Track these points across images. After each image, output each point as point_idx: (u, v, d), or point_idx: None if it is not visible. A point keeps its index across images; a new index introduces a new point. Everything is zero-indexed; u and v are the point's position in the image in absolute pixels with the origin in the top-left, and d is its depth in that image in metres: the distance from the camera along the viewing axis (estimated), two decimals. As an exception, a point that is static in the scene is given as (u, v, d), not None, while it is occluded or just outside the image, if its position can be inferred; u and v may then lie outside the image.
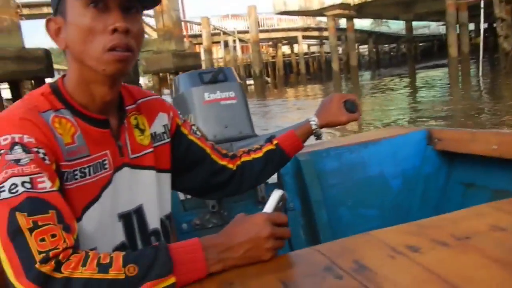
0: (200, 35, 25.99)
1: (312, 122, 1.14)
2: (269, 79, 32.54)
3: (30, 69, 9.11)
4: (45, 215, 0.67)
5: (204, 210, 1.60)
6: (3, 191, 0.68)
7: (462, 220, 0.84)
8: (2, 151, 0.71)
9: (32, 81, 9.32)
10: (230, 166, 1.08)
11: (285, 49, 36.14)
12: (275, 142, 1.12)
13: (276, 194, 0.82)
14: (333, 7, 19.29)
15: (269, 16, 29.81)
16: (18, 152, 0.71)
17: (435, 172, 1.77)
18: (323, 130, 1.18)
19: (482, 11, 15.01)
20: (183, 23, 18.19)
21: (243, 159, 1.10)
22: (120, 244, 0.86)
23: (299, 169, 1.68)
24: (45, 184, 0.70)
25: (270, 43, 34.31)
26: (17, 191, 0.67)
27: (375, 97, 14.38)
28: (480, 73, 15.32)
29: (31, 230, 0.65)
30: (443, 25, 30.11)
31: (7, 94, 10.70)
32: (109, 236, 0.85)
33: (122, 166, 0.88)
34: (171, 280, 0.67)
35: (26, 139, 0.73)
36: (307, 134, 1.14)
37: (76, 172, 0.80)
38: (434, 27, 39.94)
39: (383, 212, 1.74)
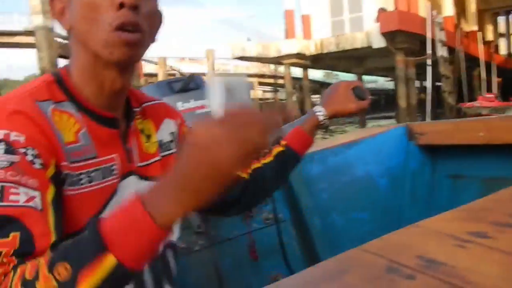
0: (156, 75, 25.80)
1: (318, 114, 0.99)
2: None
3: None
4: (2, 239, 0.51)
5: (188, 232, 1.38)
6: None
7: None
8: None
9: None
10: (243, 175, 0.91)
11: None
12: (283, 142, 0.99)
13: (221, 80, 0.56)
14: (289, 56, 19.85)
15: (225, 62, 30.52)
16: None
17: (420, 168, 1.72)
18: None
19: (429, 68, 16.04)
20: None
21: (252, 166, 0.93)
22: None
23: None
24: (19, 197, 0.54)
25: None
26: None
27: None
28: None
29: None
30: (390, 80, 31.82)
31: None
32: None
33: (129, 175, 0.73)
34: (109, 258, 0.47)
35: (14, 137, 0.58)
36: (315, 127, 1.00)
37: (82, 176, 0.66)
38: (382, 82, 42.14)
39: (375, 214, 1.64)
